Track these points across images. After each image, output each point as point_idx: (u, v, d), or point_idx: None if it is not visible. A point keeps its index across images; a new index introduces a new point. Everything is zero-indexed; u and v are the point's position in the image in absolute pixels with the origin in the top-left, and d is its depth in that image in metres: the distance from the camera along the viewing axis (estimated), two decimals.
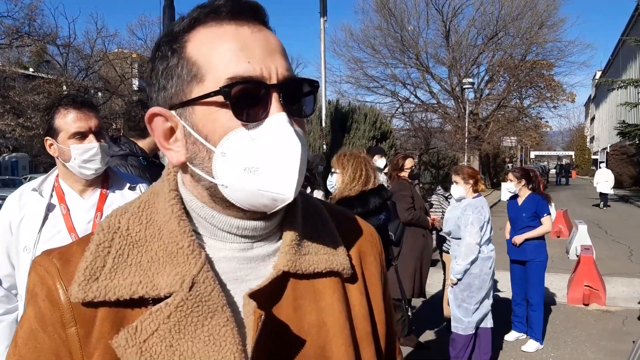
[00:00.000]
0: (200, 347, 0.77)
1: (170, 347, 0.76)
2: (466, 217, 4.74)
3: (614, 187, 23.65)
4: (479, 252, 4.71)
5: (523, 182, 5.86)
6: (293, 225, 0.89)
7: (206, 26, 0.81)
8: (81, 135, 2.14)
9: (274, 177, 0.77)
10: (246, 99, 0.77)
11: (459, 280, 4.73)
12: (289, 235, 0.88)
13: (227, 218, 0.84)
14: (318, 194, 6.95)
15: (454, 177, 4.99)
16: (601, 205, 22.63)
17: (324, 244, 0.91)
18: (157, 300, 0.79)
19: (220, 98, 0.77)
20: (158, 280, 0.79)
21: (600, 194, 22.79)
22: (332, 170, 3.65)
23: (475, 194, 4.92)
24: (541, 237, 5.80)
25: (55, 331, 0.81)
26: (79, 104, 2.15)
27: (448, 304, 5.11)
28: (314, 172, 6.88)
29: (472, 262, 4.69)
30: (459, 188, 4.92)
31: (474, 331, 4.82)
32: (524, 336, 6.03)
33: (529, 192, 5.89)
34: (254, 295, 0.80)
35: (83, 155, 2.13)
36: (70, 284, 0.79)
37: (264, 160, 0.76)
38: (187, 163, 0.83)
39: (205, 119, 0.79)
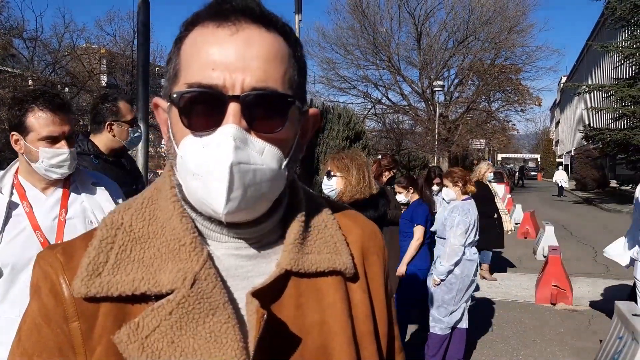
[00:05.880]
0: (202, 343, 0.77)
1: (172, 343, 0.76)
2: (452, 218, 4.84)
3: (578, 190, 32.49)
4: (463, 254, 4.80)
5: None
6: (296, 223, 0.89)
7: (198, 26, 0.81)
8: (52, 140, 2.07)
9: (208, 189, 0.76)
10: (198, 107, 0.77)
11: (442, 280, 4.80)
12: (292, 233, 0.88)
13: (216, 221, 0.84)
14: None
15: (444, 181, 5.18)
16: (560, 197, 30.45)
17: (326, 242, 0.90)
18: (159, 297, 0.78)
19: None
20: (160, 277, 0.79)
21: (559, 188, 31.28)
22: (332, 173, 3.47)
23: (465, 197, 5.04)
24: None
25: (58, 325, 0.81)
26: (56, 107, 2.06)
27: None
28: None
29: (456, 264, 4.78)
30: (449, 191, 5.08)
31: (450, 331, 4.90)
32: None
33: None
34: (256, 293, 0.80)
35: (52, 160, 2.07)
36: (73, 279, 0.79)
37: (205, 170, 0.76)
38: (167, 157, 0.86)
39: (175, 120, 0.80)
